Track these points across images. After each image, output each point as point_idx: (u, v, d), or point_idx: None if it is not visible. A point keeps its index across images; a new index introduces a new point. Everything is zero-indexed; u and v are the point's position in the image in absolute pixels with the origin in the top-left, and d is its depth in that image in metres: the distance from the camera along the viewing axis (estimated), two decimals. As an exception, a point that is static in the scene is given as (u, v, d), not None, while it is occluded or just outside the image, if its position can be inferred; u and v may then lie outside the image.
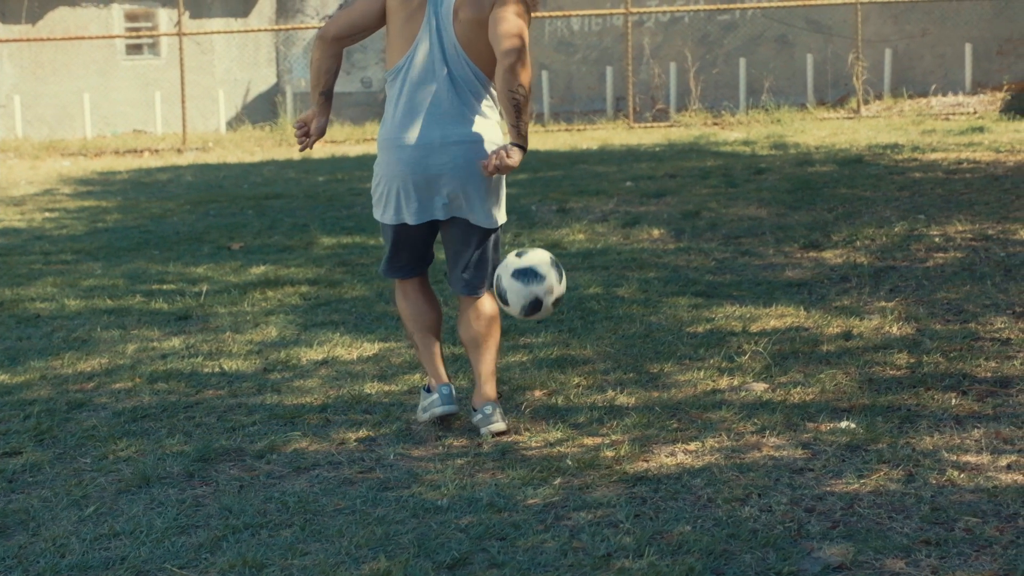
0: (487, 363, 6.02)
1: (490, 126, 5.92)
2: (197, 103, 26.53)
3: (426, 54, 5.86)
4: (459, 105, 5.86)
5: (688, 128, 21.14)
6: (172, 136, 24.18)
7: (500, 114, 5.96)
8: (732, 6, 24.28)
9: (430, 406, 6.01)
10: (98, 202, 14.77)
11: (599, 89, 26.51)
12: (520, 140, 5.75)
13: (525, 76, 5.72)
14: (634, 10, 23.06)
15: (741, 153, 16.38)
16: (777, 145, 17.11)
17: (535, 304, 5.76)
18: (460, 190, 5.86)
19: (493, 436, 5.85)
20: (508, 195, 6.63)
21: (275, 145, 21.95)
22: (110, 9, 28.21)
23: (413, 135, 5.86)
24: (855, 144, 16.49)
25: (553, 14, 24.71)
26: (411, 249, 6.05)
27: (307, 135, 6.08)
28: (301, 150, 6.14)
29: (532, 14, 5.93)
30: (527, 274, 5.75)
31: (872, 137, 17.34)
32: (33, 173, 18.74)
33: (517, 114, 5.71)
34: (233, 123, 27.43)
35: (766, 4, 23.92)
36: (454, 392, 6.04)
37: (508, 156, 5.70)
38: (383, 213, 6.01)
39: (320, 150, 20.63)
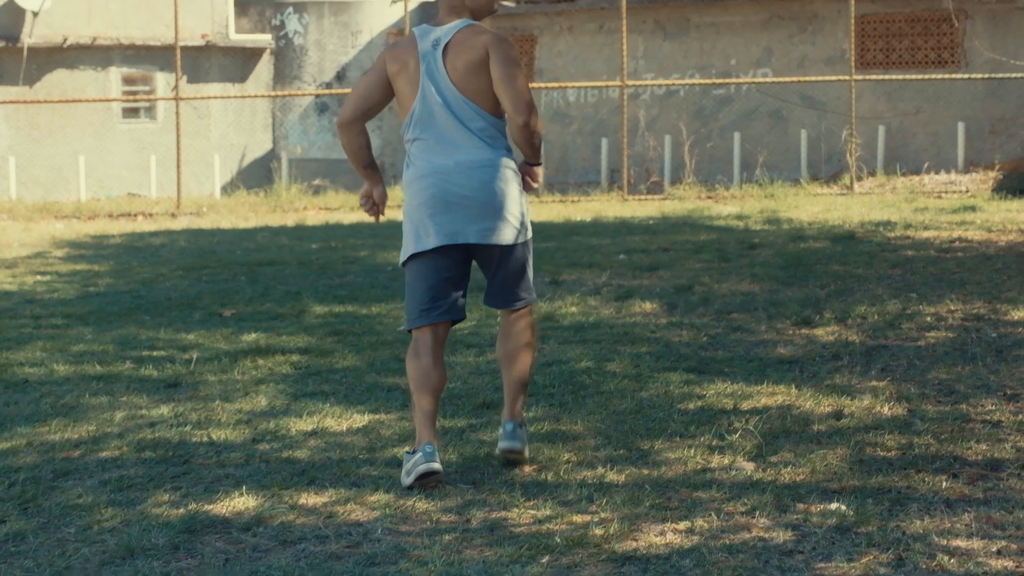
0: (519, 380, 6.41)
1: (499, 151, 6.34)
2: (192, 167, 26.59)
3: (429, 102, 6.27)
4: (467, 137, 6.27)
5: (682, 201, 21.19)
6: (166, 200, 24.20)
7: (506, 139, 6.42)
8: (727, 81, 24.41)
9: (413, 467, 6.05)
10: (90, 266, 14.76)
11: (594, 161, 26.60)
12: (536, 159, 6.46)
13: (537, 126, 6.33)
14: (630, 83, 23.16)
15: (734, 227, 16.41)
16: (770, 220, 17.14)
17: None
18: (481, 211, 6.22)
19: (508, 455, 6.27)
20: None
21: (269, 211, 21.97)
22: (108, 72, 28.31)
23: (429, 167, 6.25)
24: (848, 220, 16.53)
25: (549, 85, 24.82)
26: (437, 284, 6.26)
27: (374, 205, 6.50)
28: (377, 220, 6.60)
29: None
30: None
31: (865, 214, 17.38)
32: (26, 235, 18.73)
33: (535, 149, 6.41)
34: (228, 188, 27.48)
35: (761, 79, 24.05)
36: (438, 453, 6.08)
37: (535, 178, 6.50)
38: (408, 246, 6.31)
39: (314, 217, 20.66)
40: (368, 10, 29.88)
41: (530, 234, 6.43)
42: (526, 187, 6.45)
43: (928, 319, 9.68)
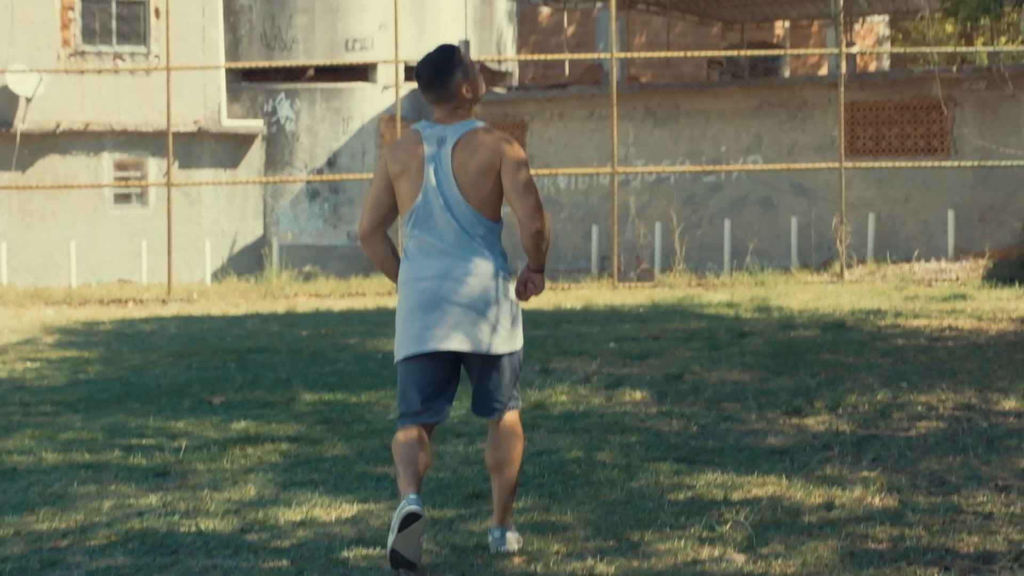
0: (509, 488, 6.44)
1: (495, 259, 6.40)
2: (183, 253, 26.62)
3: (431, 204, 6.34)
4: (467, 242, 6.34)
5: (672, 289, 21.20)
6: (157, 286, 24.20)
7: (500, 244, 6.49)
8: (717, 168, 24.52)
9: (397, 513, 6.03)
10: (80, 352, 14.73)
11: (584, 247, 26.66)
12: (540, 266, 6.52)
13: (547, 232, 6.45)
14: (620, 170, 23.25)
15: (725, 315, 16.42)
16: (761, 308, 17.16)
17: None
18: (474, 320, 6.28)
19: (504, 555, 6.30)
20: None
21: (260, 297, 21.98)
22: (100, 158, 28.40)
23: (425, 271, 6.32)
24: (838, 309, 16.55)
25: (540, 172, 24.90)
26: (428, 387, 6.36)
27: None
28: None
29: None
30: None
31: (855, 302, 17.41)
32: (16, 321, 18.71)
33: (542, 255, 6.49)
34: (219, 274, 27.50)
35: (751, 166, 24.17)
36: (422, 503, 6.12)
37: (537, 285, 6.50)
38: (400, 347, 6.39)
39: (304, 304, 20.66)
40: (359, 96, 30.03)
41: (521, 344, 6.47)
42: (524, 294, 6.47)
43: (919, 409, 9.67)
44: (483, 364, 6.37)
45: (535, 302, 19.04)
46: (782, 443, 8.73)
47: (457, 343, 6.28)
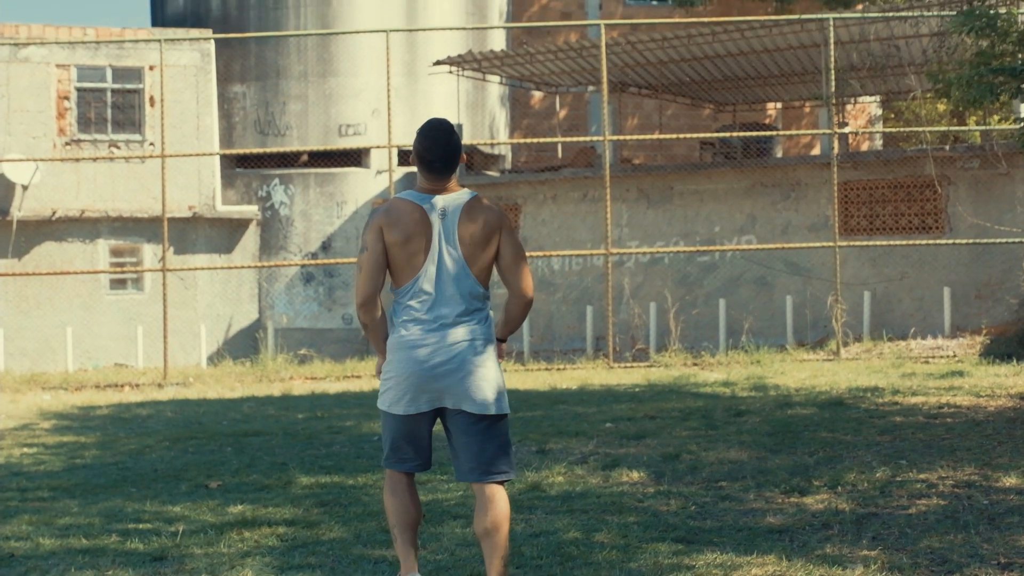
0: (502, 555, 6.52)
1: (489, 326, 6.70)
2: (179, 337, 26.61)
3: (433, 276, 6.54)
4: (465, 310, 6.57)
5: (668, 368, 21.19)
6: (153, 370, 24.18)
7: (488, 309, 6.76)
8: (712, 248, 24.57)
9: None
10: (77, 437, 14.69)
11: (579, 328, 26.67)
12: (509, 335, 6.90)
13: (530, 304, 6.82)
14: (614, 251, 23.30)
15: (721, 394, 16.40)
16: (757, 387, 17.14)
17: None
18: (464, 383, 6.52)
19: None
20: None
21: (256, 381, 21.94)
22: (96, 244, 28.48)
23: (428, 337, 6.53)
24: (835, 387, 16.53)
25: (534, 254, 24.95)
26: (414, 444, 6.65)
27: None
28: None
29: None
30: None
31: (852, 380, 17.39)
32: (13, 407, 18.67)
33: (512, 321, 6.82)
34: (214, 358, 27.48)
35: (745, 246, 24.21)
36: None
37: (501, 353, 6.82)
38: (391, 404, 6.62)
39: (300, 387, 20.62)
40: (353, 181, 30.16)
41: (508, 409, 6.71)
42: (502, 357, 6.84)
43: (919, 486, 9.64)
44: (476, 427, 6.57)
45: (531, 382, 19.08)
46: (781, 522, 8.70)
47: (455, 403, 6.55)
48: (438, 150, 6.58)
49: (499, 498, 6.55)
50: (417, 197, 6.55)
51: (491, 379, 6.62)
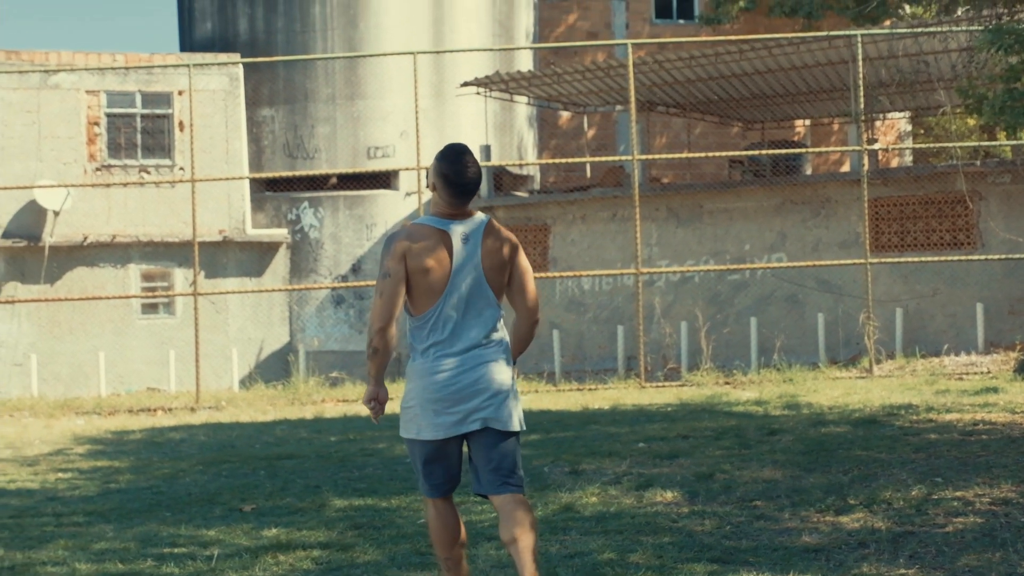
0: (532, 551, 6.52)
1: (505, 345, 6.78)
2: (211, 361, 26.67)
3: (456, 300, 6.60)
4: (486, 331, 6.65)
5: (700, 388, 21.13)
6: (186, 394, 24.23)
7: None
8: (742, 266, 24.51)
9: None
10: (111, 462, 14.73)
11: (610, 348, 26.63)
12: (518, 357, 6.96)
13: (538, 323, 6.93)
14: (644, 270, 23.25)
15: (754, 413, 16.35)
16: (790, 405, 17.08)
17: None
18: (490, 403, 6.58)
19: None
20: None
21: (288, 404, 21.96)
22: (127, 269, 28.58)
23: (449, 362, 6.58)
24: (868, 404, 16.46)
25: (564, 274, 24.95)
26: (445, 465, 6.70)
27: (381, 407, 6.77)
28: (378, 421, 6.86)
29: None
30: None
31: (885, 397, 17.31)
32: (47, 432, 18.73)
33: (522, 345, 6.91)
34: (246, 381, 27.54)
35: (776, 264, 24.16)
36: None
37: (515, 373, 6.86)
38: (419, 431, 6.67)
39: (332, 409, 20.64)
40: (382, 203, 30.21)
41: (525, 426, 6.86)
42: None
43: (955, 504, 9.58)
44: (501, 442, 6.66)
45: (562, 402, 19.05)
46: (817, 541, 8.65)
47: (483, 423, 6.61)
48: (466, 174, 6.62)
49: (521, 503, 6.64)
50: (437, 222, 6.58)
51: (514, 397, 6.74)
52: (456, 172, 6.59)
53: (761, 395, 18.89)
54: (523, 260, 6.78)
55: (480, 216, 6.70)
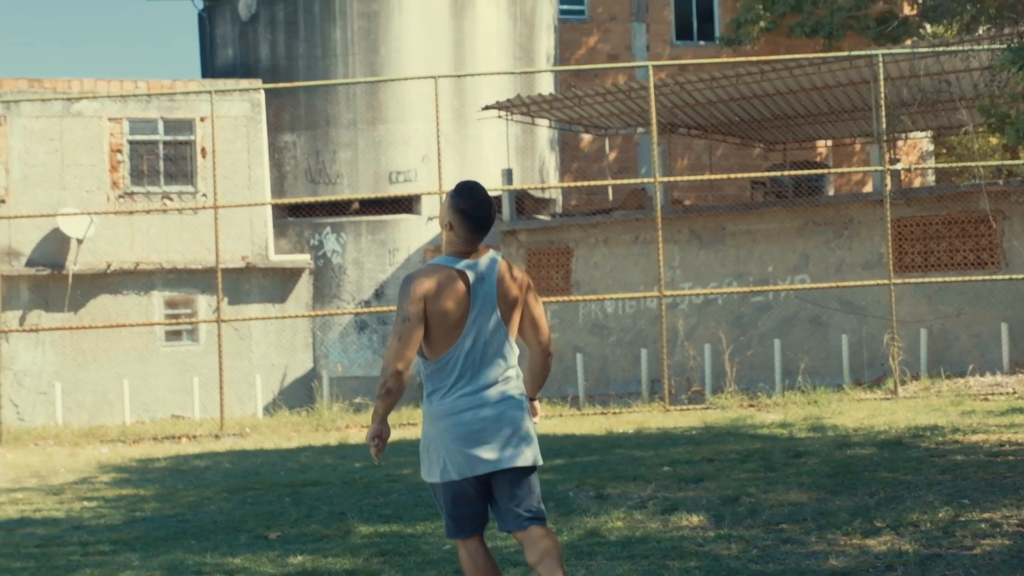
0: (557, 557, 6.61)
1: (520, 381, 6.80)
2: (234, 388, 26.70)
3: (475, 341, 6.60)
4: (504, 370, 6.68)
5: (724, 410, 21.08)
6: (210, 421, 24.25)
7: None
8: (765, 288, 24.47)
9: None
10: (136, 490, 14.74)
11: (634, 371, 26.59)
12: (538, 392, 7.02)
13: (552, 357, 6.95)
14: (667, 293, 23.22)
15: (779, 436, 16.30)
16: (815, 427, 17.03)
17: None
18: (513, 441, 6.60)
19: None
20: (544, 481, 6.95)
21: (312, 430, 21.97)
22: (150, 296, 28.64)
23: (470, 403, 6.58)
24: (894, 426, 16.40)
25: (587, 297, 24.93)
26: (471, 504, 6.68)
27: (383, 445, 6.73)
28: (378, 459, 6.64)
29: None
30: None
31: (911, 418, 17.25)
32: (72, 460, 18.76)
33: (541, 380, 6.93)
34: (270, 408, 27.55)
35: (799, 286, 24.10)
36: None
37: (535, 412, 6.94)
38: (443, 472, 6.64)
39: (356, 436, 20.64)
40: (404, 228, 30.24)
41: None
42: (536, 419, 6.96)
43: (983, 526, 9.53)
44: (524, 479, 6.67)
45: (587, 426, 19.03)
46: (844, 564, 8.62)
47: (508, 461, 6.61)
48: (484, 209, 6.67)
49: (546, 532, 6.68)
50: (453, 262, 6.61)
51: (533, 434, 6.77)
52: (473, 205, 6.62)
53: (786, 417, 18.84)
54: (535, 297, 6.82)
55: (492, 253, 6.74)
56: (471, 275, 6.56)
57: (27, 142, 28.34)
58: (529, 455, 6.68)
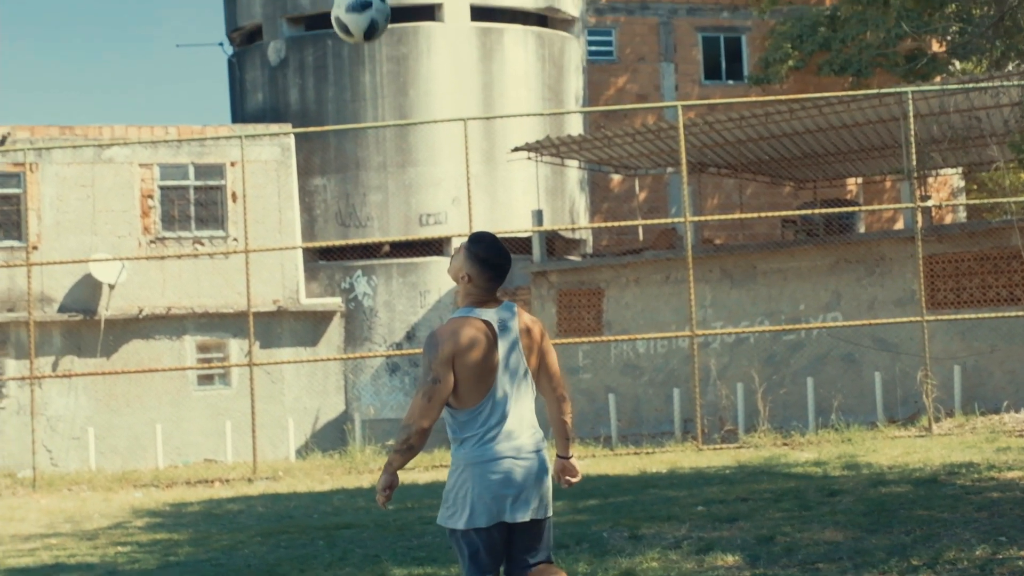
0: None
1: (540, 429, 6.79)
2: (267, 431, 26.72)
3: (504, 391, 6.62)
4: (529, 418, 6.70)
5: (758, 449, 21.00)
6: (242, 465, 24.27)
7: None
8: (797, 326, 24.41)
9: None
10: (170, 535, 14.74)
11: (666, 411, 26.53)
12: (571, 451, 6.96)
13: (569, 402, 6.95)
14: (699, 332, 23.17)
15: (813, 474, 16.23)
16: (849, 465, 16.95)
17: (372, 27, 7.20)
18: (535, 493, 6.63)
19: None
20: (578, 521, 6.90)
21: (344, 473, 21.96)
22: (182, 341, 28.72)
23: (501, 452, 6.58)
24: (929, 463, 16.31)
25: (619, 338, 24.89)
26: (495, 551, 6.64)
27: (392, 492, 6.73)
28: (386, 506, 6.83)
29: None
30: (360, 6, 7.13)
31: (946, 456, 17.16)
32: (106, 505, 18.78)
33: (568, 431, 6.89)
34: (303, 451, 27.56)
35: (831, 323, 24.03)
36: None
37: (577, 470, 6.93)
38: (470, 519, 6.59)
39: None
40: (435, 270, 30.29)
41: None
42: (566, 482, 6.96)
43: (1020, 563, 9.46)
44: (543, 528, 6.73)
45: (620, 467, 18.98)
46: (882, 603, 8.56)
47: (533, 512, 6.63)
48: (502, 256, 6.68)
49: (552, 565, 6.77)
50: (476, 313, 6.62)
51: (551, 484, 6.84)
52: (492, 253, 6.63)
53: (820, 456, 18.76)
54: (549, 343, 6.85)
55: (507, 301, 6.77)
56: (496, 325, 6.57)
57: (59, 189, 28.51)
58: (548, 504, 6.77)
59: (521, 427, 6.63)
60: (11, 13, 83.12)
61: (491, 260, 6.61)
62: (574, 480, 6.92)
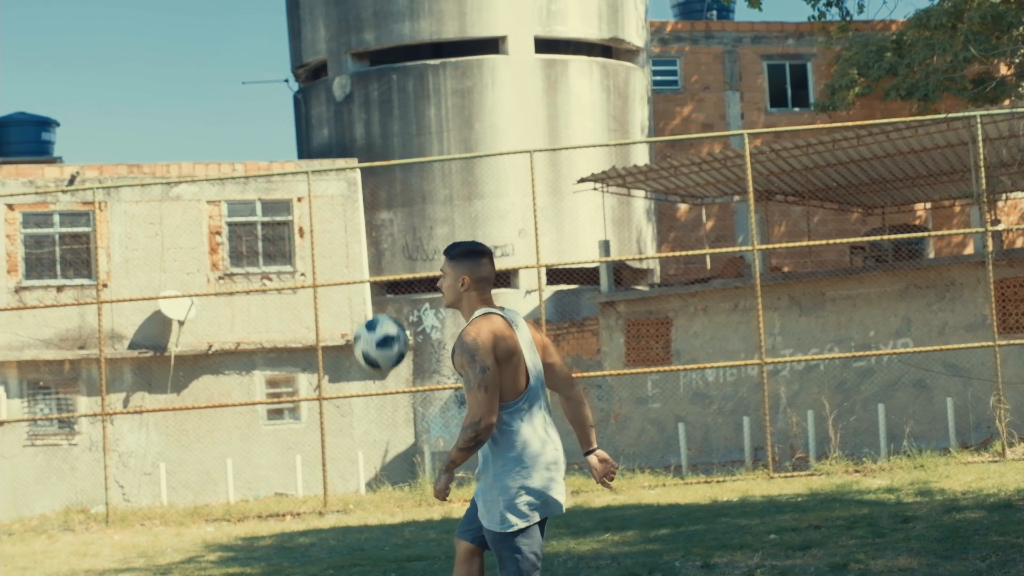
0: None
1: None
2: (337, 465, 26.79)
3: (534, 384, 6.82)
4: (549, 412, 6.90)
5: (829, 476, 20.84)
6: (313, 499, 24.33)
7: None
8: (867, 353, 24.25)
9: None
10: (242, 568, 14.78)
11: (736, 439, 26.41)
12: (595, 442, 7.08)
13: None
14: (768, 360, 23.04)
15: (886, 501, 16.09)
16: (922, 492, 16.80)
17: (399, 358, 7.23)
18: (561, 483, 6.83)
19: None
20: (650, 551, 6.90)
21: (415, 505, 21.97)
22: (252, 376, 28.88)
23: (547, 443, 6.76)
24: (1003, 488, 16.14)
25: (688, 367, 24.81)
26: (540, 544, 6.80)
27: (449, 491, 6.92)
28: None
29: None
30: (386, 342, 7.19)
31: (1020, 481, 16.97)
32: (178, 540, 18.87)
33: (590, 420, 7.02)
34: (373, 484, 27.61)
35: (902, 350, 23.86)
36: None
37: (613, 464, 7.03)
38: (532, 513, 6.70)
39: (460, 510, 20.61)
40: (502, 301, 30.29)
41: None
42: (604, 483, 7.08)
43: (1098, 588, 9.35)
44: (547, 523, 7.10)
45: (691, 495, 18.89)
46: (958, 629, 8.47)
47: (560, 508, 6.83)
48: (481, 245, 6.99)
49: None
50: (494, 311, 6.84)
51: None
52: (470, 246, 6.93)
53: (892, 482, 18.61)
54: (554, 344, 7.15)
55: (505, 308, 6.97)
56: (510, 321, 6.75)
57: (128, 227, 28.78)
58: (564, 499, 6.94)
59: (549, 419, 6.83)
60: (79, 55, 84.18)
61: (475, 250, 6.83)
62: (614, 475, 6.99)
